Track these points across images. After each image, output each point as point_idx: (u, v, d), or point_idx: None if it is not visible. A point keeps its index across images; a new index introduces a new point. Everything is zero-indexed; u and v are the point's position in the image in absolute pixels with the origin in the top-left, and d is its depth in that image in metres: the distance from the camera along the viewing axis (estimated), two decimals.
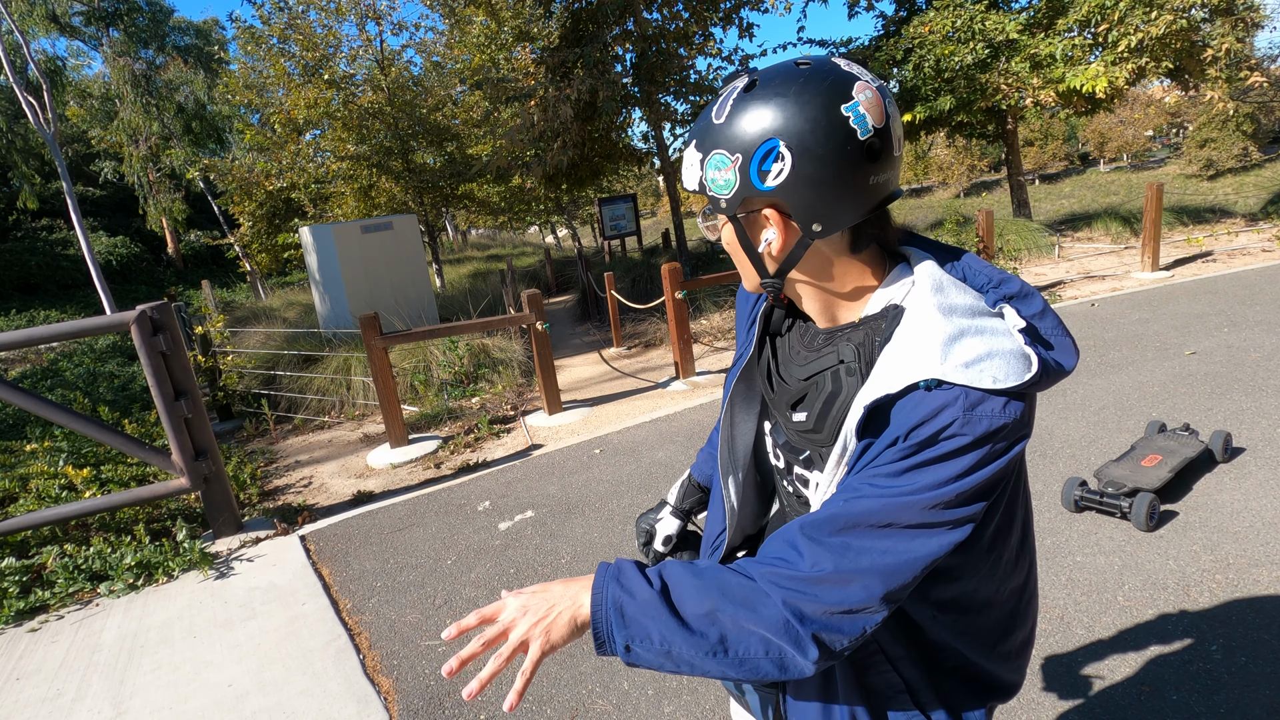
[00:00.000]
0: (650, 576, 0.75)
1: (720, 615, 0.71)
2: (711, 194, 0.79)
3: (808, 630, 0.70)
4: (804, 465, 0.90)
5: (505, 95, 11.96)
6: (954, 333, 0.71)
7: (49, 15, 19.77)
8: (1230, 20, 9.28)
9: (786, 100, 0.70)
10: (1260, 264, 7.77)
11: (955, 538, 0.70)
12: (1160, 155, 34.24)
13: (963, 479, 0.69)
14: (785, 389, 0.89)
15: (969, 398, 0.68)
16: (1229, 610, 2.24)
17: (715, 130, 0.75)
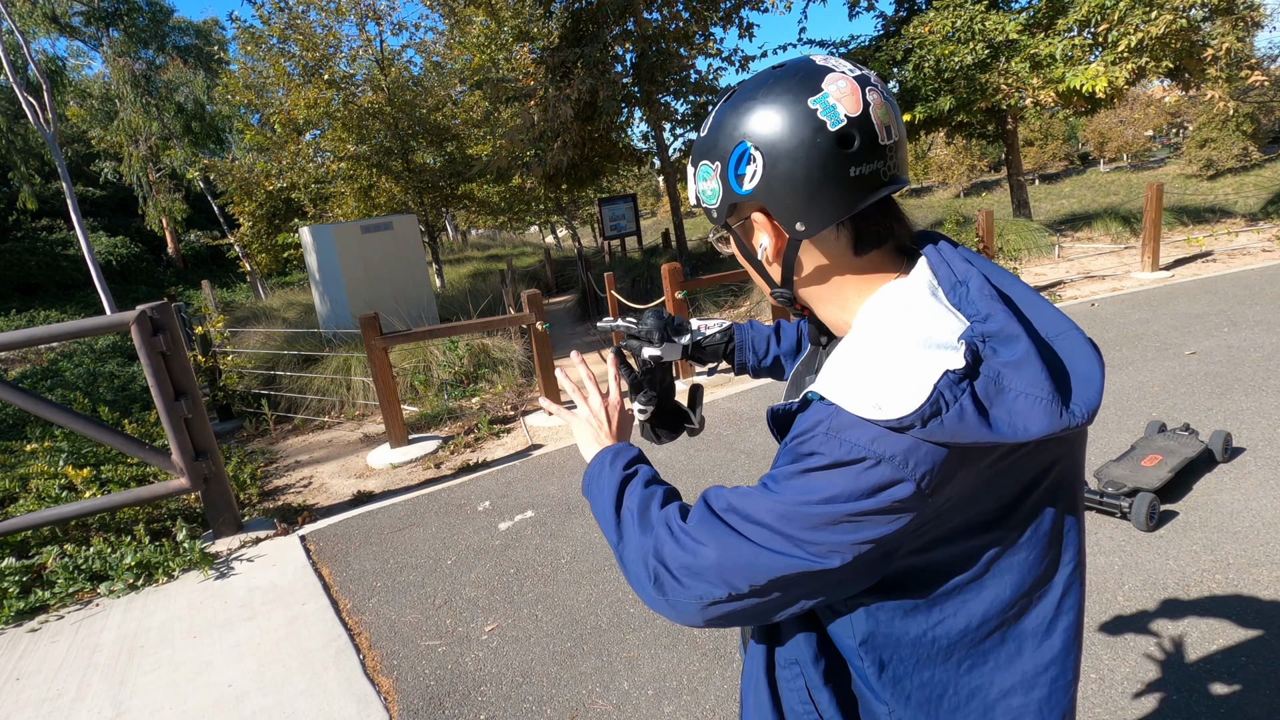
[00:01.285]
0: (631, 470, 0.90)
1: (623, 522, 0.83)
2: (705, 205, 0.80)
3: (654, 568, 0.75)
4: None
5: (505, 95, 11.96)
6: (869, 351, 0.66)
7: (49, 15, 19.77)
8: (1230, 20, 9.27)
9: (754, 102, 0.71)
10: (1260, 264, 7.77)
11: (808, 564, 0.66)
12: (1160, 155, 34.24)
13: (829, 504, 0.64)
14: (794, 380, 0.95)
15: (838, 418, 0.64)
16: (1229, 610, 2.24)
17: (700, 143, 0.78)
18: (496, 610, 2.79)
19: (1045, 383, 0.63)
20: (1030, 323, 0.70)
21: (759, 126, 0.71)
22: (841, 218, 0.72)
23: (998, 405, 0.62)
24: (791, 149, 0.69)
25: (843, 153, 0.69)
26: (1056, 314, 0.72)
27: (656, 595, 0.74)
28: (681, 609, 0.73)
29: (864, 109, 0.69)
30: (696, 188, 0.80)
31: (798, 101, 0.69)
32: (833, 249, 0.75)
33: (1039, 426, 0.62)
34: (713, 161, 0.76)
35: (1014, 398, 0.62)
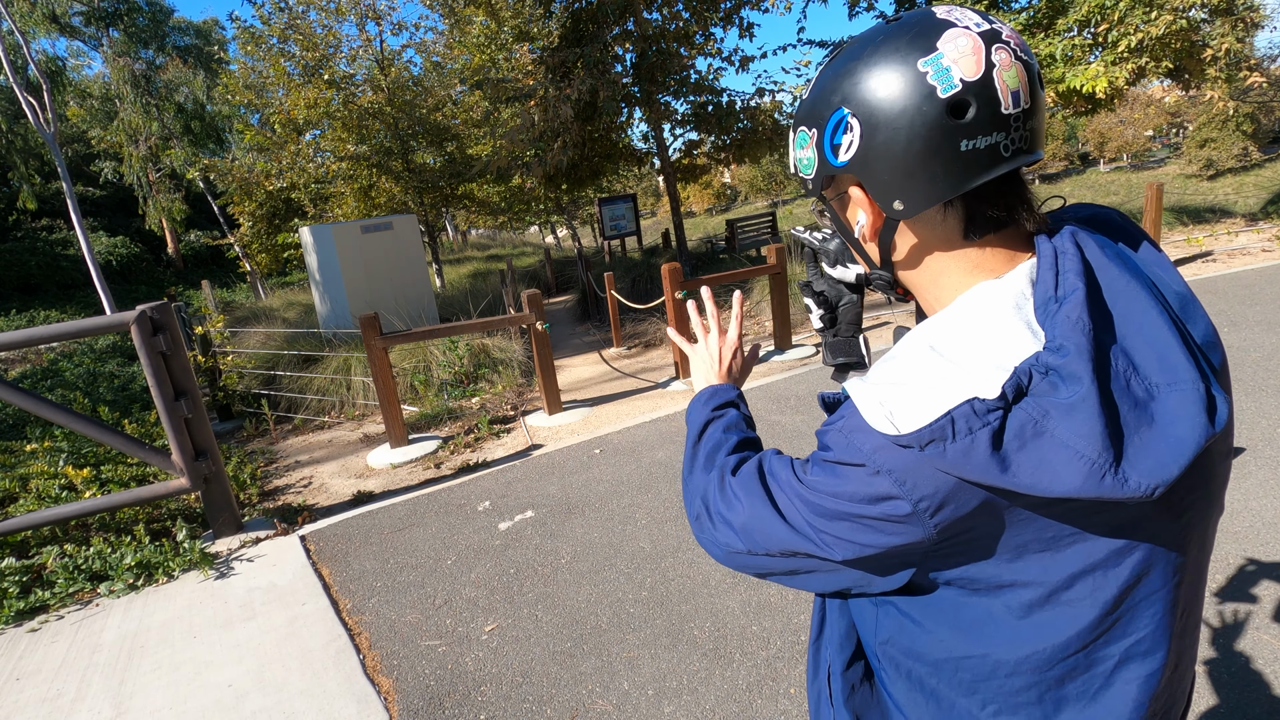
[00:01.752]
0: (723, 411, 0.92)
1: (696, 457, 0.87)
2: (800, 175, 0.73)
3: (698, 508, 0.82)
4: None
5: (505, 95, 11.97)
6: (913, 358, 0.61)
7: (49, 15, 19.77)
8: (1230, 20, 9.28)
9: (857, 63, 0.63)
10: (1260, 264, 7.77)
11: (814, 548, 0.67)
12: (1160, 155, 34.23)
13: (835, 498, 0.63)
14: None
15: (853, 419, 0.62)
16: (1229, 610, 2.24)
17: (801, 106, 0.70)
18: (496, 610, 2.79)
19: (1096, 436, 0.53)
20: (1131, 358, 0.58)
21: (859, 91, 0.63)
22: (947, 197, 0.63)
23: (1030, 449, 0.55)
24: (891, 118, 0.61)
25: (953, 123, 0.60)
26: (1184, 359, 0.57)
27: (697, 529, 0.81)
28: (712, 549, 0.79)
29: (986, 71, 0.59)
30: (794, 155, 0.73)
31: (905, 63, 0.60)
32: (937, 232, 0.66)
33: (1065, 485, 0.54)
34: (810, 128, 0.68)
35: (1051, 446, 0.54)
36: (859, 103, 0.63)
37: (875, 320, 7.31)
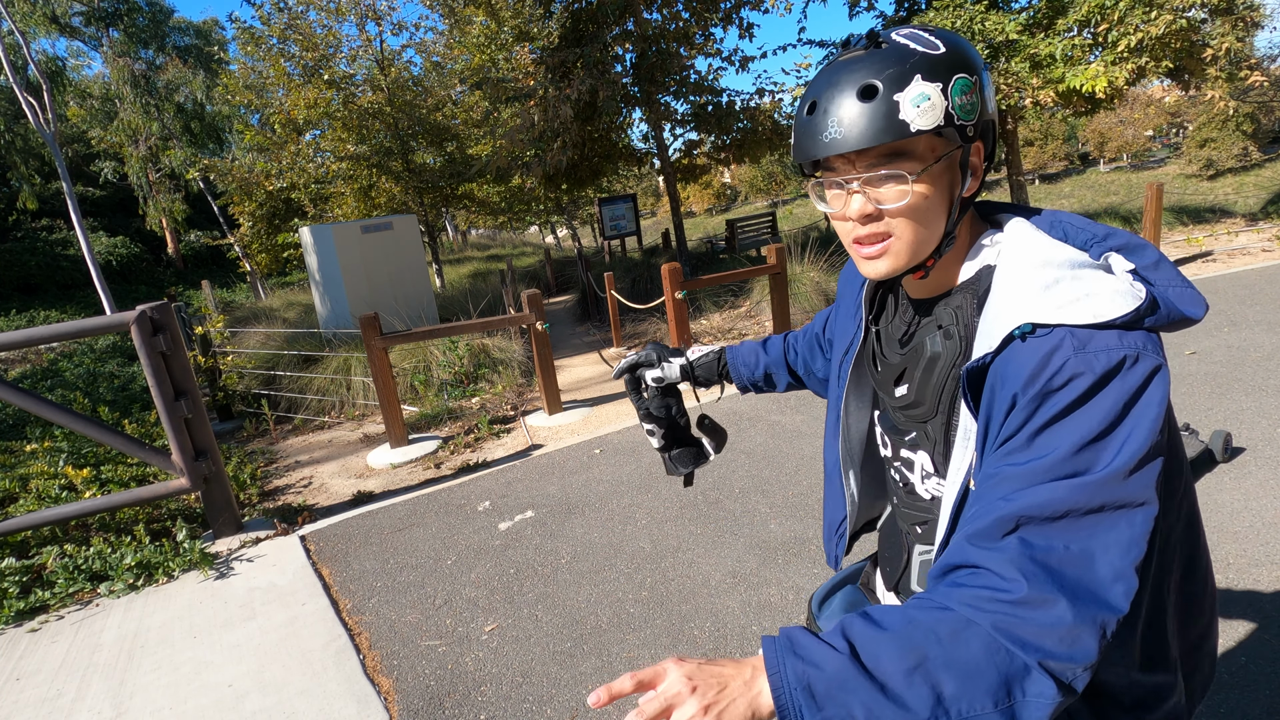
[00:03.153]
0: (829, 640, 0.59)
1: (930, 666, 0.56)
2: (960, 122, 0.70)
3: (1033, 659, 0.56)
4: (910, 447, 0.87)
5: (505, 95, 11.97)
6: (1048, 281, 0.67)
7: (49, 15, 19.77)
8: (1230, 20, 9.28)
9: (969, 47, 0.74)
10: (1260, 264, 7.77)
11: (1148, 509, 0.59)
12: (1160, 155, 34.23)
13: (1113, 431, 0.60)
14: (889, 366, 0.87)
15: (1076, 336, 0.63)
16: (1229, 610, 2.24)
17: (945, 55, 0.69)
18: (496, 610, 2.79)
19: (1182, 277, 0.70)
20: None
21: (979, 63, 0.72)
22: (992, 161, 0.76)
23: (1182, 290, 0.69)
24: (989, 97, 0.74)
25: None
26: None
27: (1046, 694, 0.55)
28: (1068, 678, 0.56)
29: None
30: (950, 103, 0.68)
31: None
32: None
33: (1195, 310, 0.68)
34: (971, 75, 0.70)
35: (1166, 289, 0.69)
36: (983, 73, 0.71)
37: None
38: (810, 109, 0.72)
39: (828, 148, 0.70)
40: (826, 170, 0.75)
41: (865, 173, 0.71)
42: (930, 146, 0.70)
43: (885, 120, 0.67)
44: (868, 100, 0.68)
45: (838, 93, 0.69)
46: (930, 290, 0.81)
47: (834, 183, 0.74)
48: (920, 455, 0.85)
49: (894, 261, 0.75)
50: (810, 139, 0.71)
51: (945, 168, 0.72)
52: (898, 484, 0.93)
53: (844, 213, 0.74)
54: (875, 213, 0.73)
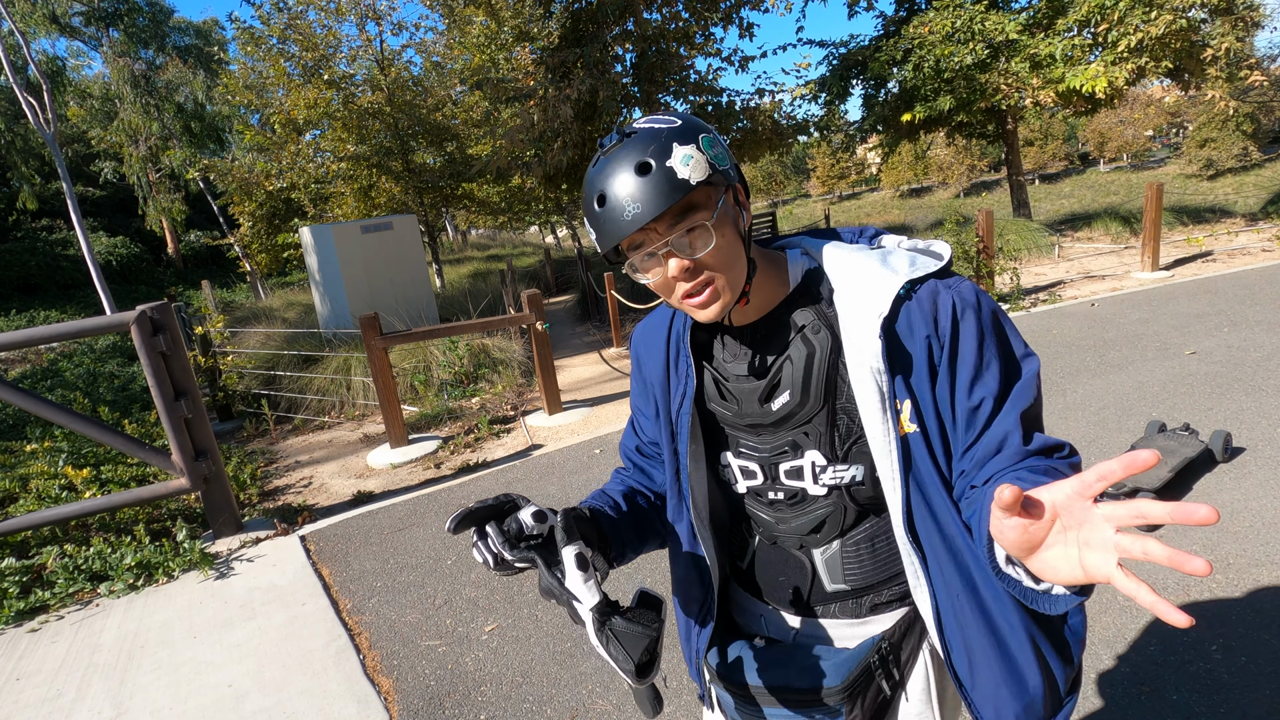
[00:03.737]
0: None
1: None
2: (721, 168, 0.81)
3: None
4: (790, 457, 0.92)
5: (505, 95, 11.96)
6: (880, 258, 0.86)
7: (49, 15, 19.77)
8: (1230, 20, 9.28)
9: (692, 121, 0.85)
10: (1260, 264, 7.77)
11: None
12: (1160, 155, 34.24)
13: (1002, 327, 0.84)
14: (748, 390, 0.91)
15: (940, 282, 0.84)
16: (1229, 610, 2.24)
17: (681, 127, 0.81)
18: (496, 610, 2.79)
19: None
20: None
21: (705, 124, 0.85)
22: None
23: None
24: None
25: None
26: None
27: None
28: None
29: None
30: (707, 156, 0.79)
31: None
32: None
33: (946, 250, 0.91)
34: (709, 133, 0.82)
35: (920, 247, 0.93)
36: (714, 132, 0.84)
37: None
38: (600, 201, 0.80)
39: (633, 224, 0.78)
40: (634, 250, 0.83)
41: (670, 234, 0.80)
42: (708, 195, 0.81)
43: (668, 184, 0.77)
44: (646, 174, 0.77)
45: (620, 179, 0.78)
46: (758, 312, 0.91)
47: (645, 256, 0.82)
48: (809, 455, 0.91)
49: (724, 299, 0.84)
50: (614, 224, 0.79)
51: (726, 210, 0.83)
52: (780, 504, 0.96)
53: (666, 277, 0.82)
54: (693, 265, 0.81)
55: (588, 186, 0.82)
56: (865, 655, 0.92)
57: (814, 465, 0.91)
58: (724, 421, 0.95)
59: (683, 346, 0.96)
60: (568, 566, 0.81)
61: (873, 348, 0.81)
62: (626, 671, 0.78)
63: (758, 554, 1.02)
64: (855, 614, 0.96)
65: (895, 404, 0.82)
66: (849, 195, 44.14)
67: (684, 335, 0.97)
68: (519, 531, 0.85)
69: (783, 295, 0.91)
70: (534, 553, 0.83)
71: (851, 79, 11.91)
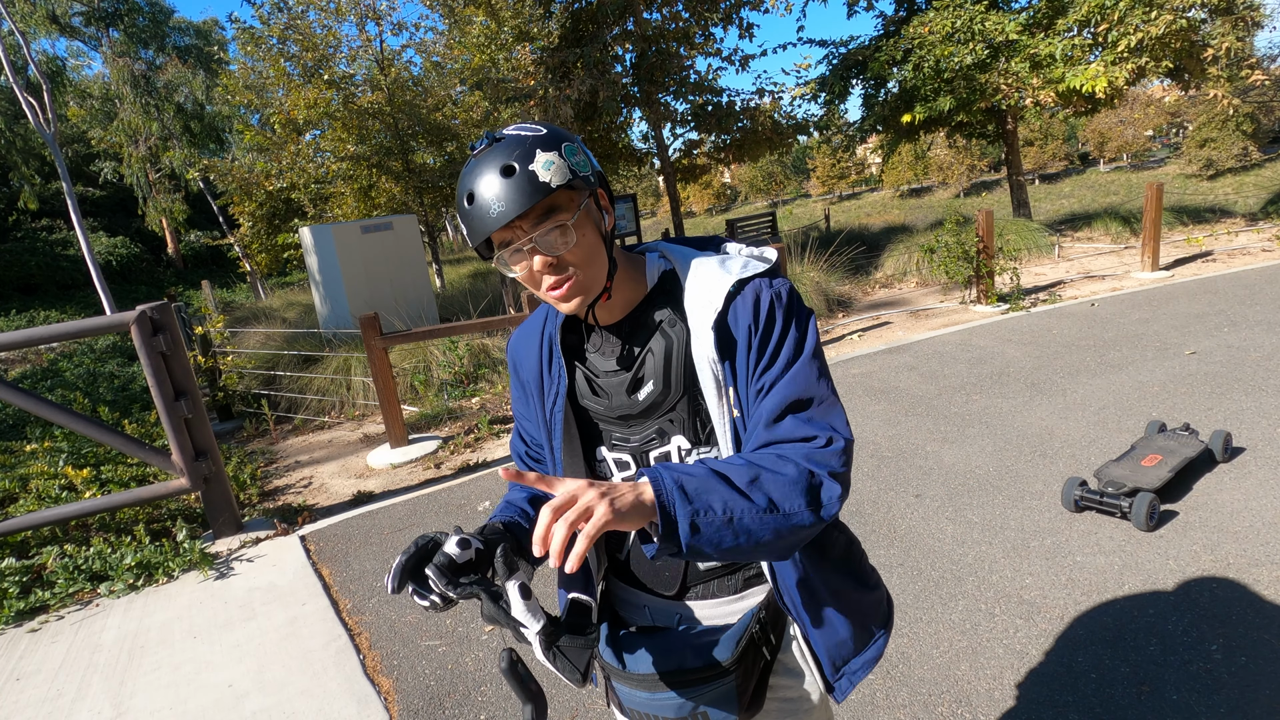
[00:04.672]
0: (692, 467, 0.83)
1: (763, 480, 0.82)
2: (581, 174, 0.89)
3: (824, 472, 0.86)
4: (657, 444, 1.00)
5: (505, 95, 11.96)
6: (719, 262, 0.96)
7: (49, 15, 19.76)
8: (1230, 20, 9.28)
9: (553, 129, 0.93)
10: (1260, 264, 7.77)
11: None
12: (1160, 155, 34.23)
13: (806, 323, 0.94)
14: (616, 383, 0.99)
15: (762, 281, 0.94)
16: (1229, 610, 2.24)
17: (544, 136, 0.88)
18: None
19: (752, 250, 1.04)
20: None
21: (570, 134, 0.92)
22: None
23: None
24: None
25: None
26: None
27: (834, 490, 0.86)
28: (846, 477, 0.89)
29: None
30: (568, 163, 0.87)
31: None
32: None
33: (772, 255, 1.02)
34: (573, 142, 0.89)
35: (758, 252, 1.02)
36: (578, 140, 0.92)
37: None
38: (470, 199, 0.87)
39: (498, 221, 0.85)
40: (504, 246, 0.90)
41: (534, 231, 0.87)
42: (569, 198, 0.89)
43: (530, 185, 0.84)
44: (510, 176, 0.84)
45: (487, 179, 0.86)
46: (622, 310, 0.99)
47: (513, 251, 0.89)
48: (675, 441, 0.99)
49: (583, 293, 0.92)
50: (481, 221, 0.87)
51: (588, 212, 0.90)
52: None
53: (531, 271, 0.90)
54: (556, 260, 0.89)
55: (460, 186, 0.89)
56: (748, 627, 0.99)
57: (679, 449, 0.99)
58: (596, 416, 1.03)
59: (554, 346, 1.04)
60: (512, 598, 0.84)
61: (709, 339, 0.91)
62: (573, 681, 0.92)
63: (634, 545, 1.08)
64: (732, 590, 1.04)
65: (728, 391, 0.93)
66: (849, 195, 44.14)
67: (555, 335, 1.04)
68: (451, 564, 0.87)
69: (643, 294, 1.00)
70: (477, 588, 0.86)
71: (851, 79, 11.91)
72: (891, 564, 2.76)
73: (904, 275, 9.62)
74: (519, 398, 1.15)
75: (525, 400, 1.13)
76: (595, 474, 1.07)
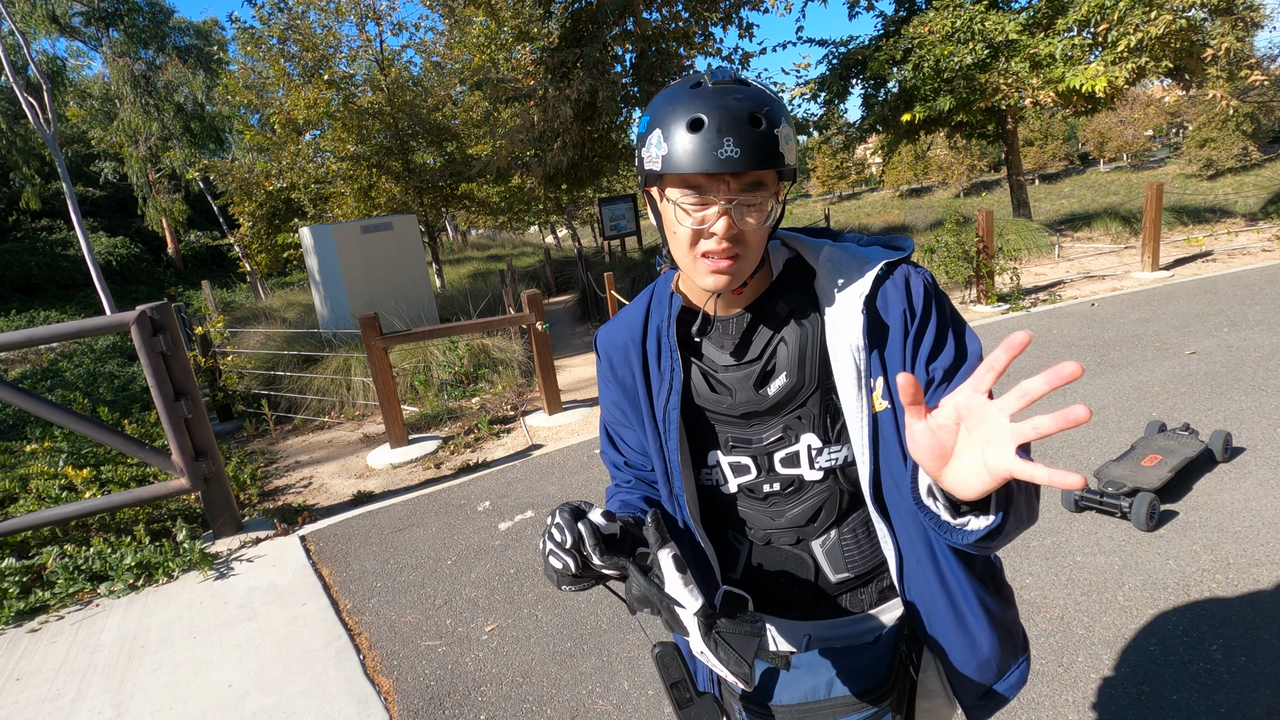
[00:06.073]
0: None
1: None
2: (794, 165, 0.83)
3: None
4: (786, 444, 0.92)
5: (505, 95, 11.96)
6: (852, 249, 0.91)
7: (49, 15, 19.76)
8: (1230, 20, 9.28)
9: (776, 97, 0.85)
10: (1260, 264, 7.77)
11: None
12: (1160, 155, 34.24)
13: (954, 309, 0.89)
14: (742, 377, 0.91)
15: (907, 267, 0.88)
16: (1229, 610, 2.24)
17: (771, 102, 0.79)
18: (496, 610, 2.79)
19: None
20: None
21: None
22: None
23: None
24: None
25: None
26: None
27: None
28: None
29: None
30: (796, 146, 0.82)
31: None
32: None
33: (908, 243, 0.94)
34: (793, 126, 0.83)
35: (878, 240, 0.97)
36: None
37: None
38: (694, 126, 0.76)
39: (723, 164, 0.75)
40: (687, 188, 0.80)
41: (738, 194, 0.79)
42: (774, 179, 0.81)
43: (769, 148, 0.77)
44: (757, 127, 0.76)
45: (730, 116, 0.75)
46: (747, 299, 0.92)
47: (699, 200, 0.80)
48: (804, 440, 0.91)
49: (737, 277, 0.84)
50: (699, 154, 0.76)
51: (777, 201, 0.83)
52: (776, 495, 0.94)
53: (704, 229, 0.81)
54: (738, 232, 0.81)
55: (678, 104, 0.78)
56: (895, 644, 0.91)
57: (810, 449, 0.91)
58: (715, 416, 0.94)
59: (666, 341, 0.94)
60: (665, 570, 0.74)
61: (855, 325, 0.84)
62: (740, 675, 0.72)
63: (752, 560, 0.98)
64: (868, 605, 0.96)
65: (869, 382, 0.86)
66: (849, 195, 44.13)
67: (668, 329, 0.94)
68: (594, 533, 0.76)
69: (767, 284, 0.93)
70: (624, 560, 0.76)
71: (851, 79, 11.91)
72: None
73: None
74: (615, 400, 1.03)
75: (625, 403, 1.01)
76: (702, 483, 0.98)
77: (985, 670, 0.91)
